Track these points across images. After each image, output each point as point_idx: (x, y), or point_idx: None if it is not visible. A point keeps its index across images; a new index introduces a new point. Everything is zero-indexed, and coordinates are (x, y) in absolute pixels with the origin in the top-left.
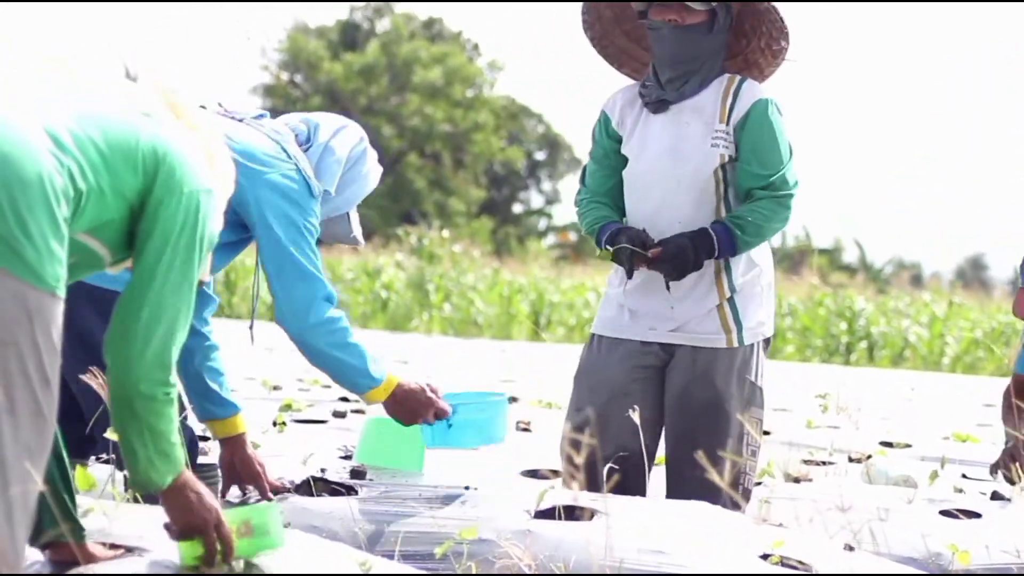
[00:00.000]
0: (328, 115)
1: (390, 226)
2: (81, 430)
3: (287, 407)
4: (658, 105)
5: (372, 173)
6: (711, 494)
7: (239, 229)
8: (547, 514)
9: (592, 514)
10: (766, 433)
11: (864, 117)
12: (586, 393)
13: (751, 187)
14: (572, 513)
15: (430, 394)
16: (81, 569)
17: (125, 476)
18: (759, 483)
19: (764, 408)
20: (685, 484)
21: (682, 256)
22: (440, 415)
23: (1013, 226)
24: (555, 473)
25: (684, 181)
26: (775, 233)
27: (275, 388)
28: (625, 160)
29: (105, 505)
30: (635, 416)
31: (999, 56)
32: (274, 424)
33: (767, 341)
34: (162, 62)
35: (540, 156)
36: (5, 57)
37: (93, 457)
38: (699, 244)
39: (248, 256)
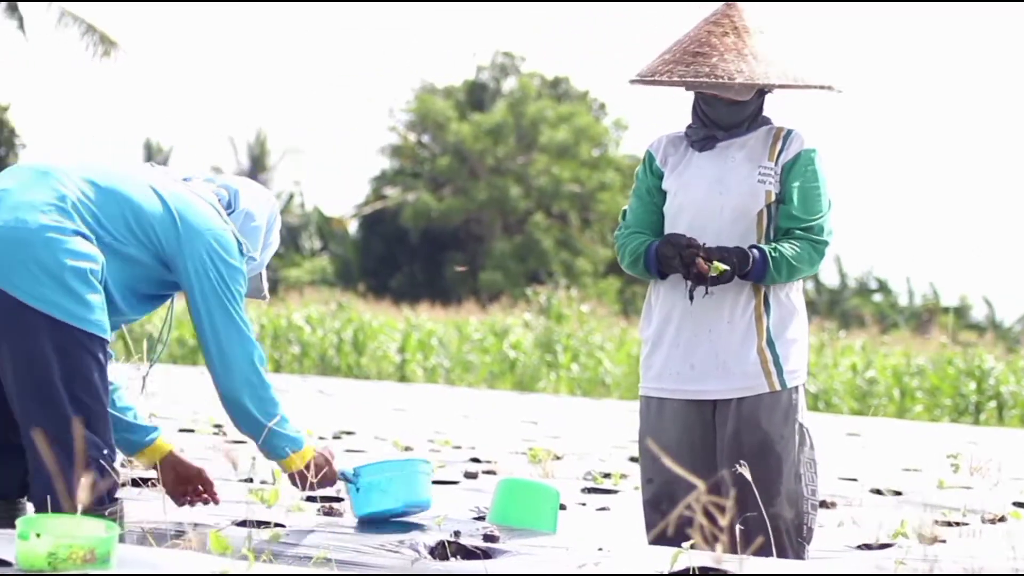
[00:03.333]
0: (243, 180)
1: (517, 286)
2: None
3: None
4: (705, 143)
5: (278, 233)
6: (772, 537)
7: (165, 285)
8: None
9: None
10: (897, 493)
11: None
12: (650, 462)
13: (790, 228)
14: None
15: (329, 459)
16: None
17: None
18: (892, 544)
19: (815, 449)
20: (745, 529)
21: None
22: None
23: None
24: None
25: (727, 212)
26: (803, 276)
27: (406, 448)
28: (665, 196)
29: (239, 566)
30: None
31: None
32: None
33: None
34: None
35: None
36: None
37: (230, 521)
38: (738, 260)
39: (376, 319)
